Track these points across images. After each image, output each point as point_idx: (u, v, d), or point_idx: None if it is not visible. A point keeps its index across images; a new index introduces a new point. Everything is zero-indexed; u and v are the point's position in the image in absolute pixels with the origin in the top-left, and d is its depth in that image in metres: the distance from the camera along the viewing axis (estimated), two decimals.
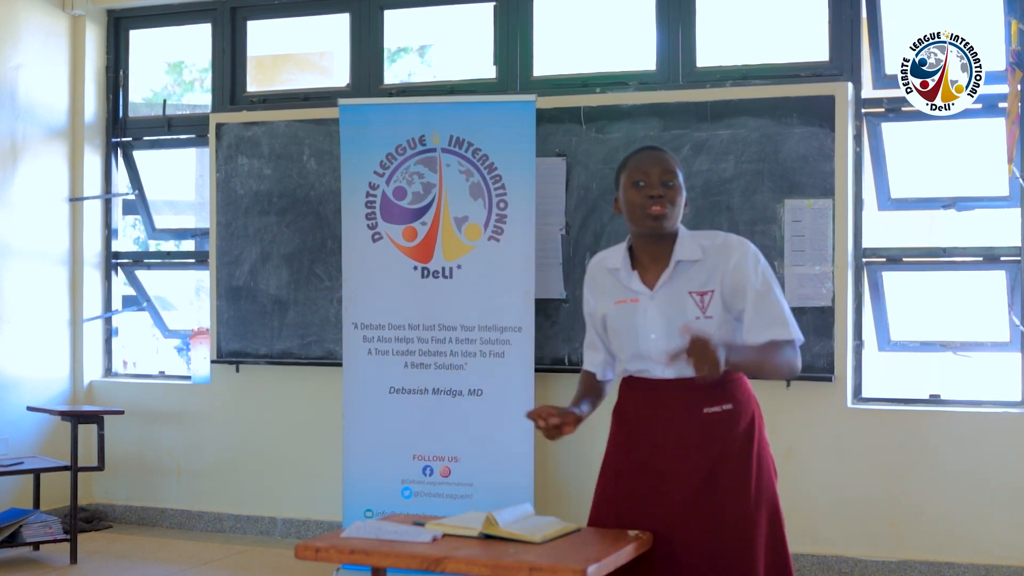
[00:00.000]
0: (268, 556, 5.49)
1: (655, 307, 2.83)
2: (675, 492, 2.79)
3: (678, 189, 2.85)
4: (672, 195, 2.83)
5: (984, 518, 4.81)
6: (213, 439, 6.04)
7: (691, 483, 2.78)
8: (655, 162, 2.86)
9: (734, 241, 2.88)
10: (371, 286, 5.06)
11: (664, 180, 2.83)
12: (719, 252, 2.85)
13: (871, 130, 5.11)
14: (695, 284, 2.82)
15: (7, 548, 5.31)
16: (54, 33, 6.18)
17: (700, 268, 2.83)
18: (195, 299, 7.49)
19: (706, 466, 2.79)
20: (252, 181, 5.82)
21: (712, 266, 2.83)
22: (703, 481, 2.78)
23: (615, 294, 2.91)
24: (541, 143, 5.10)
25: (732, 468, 2.79)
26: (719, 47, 5.42)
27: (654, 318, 2.83)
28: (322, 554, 2.74)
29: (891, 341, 5.19)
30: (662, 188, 2.82)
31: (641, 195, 2.83)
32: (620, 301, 2.89)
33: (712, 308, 2.80)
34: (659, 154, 2.89)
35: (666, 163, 2.86)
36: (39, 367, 6.07)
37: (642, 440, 2.86)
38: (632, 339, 2.86)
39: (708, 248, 2.86)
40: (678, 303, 2.81)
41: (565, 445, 5.35)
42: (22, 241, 5.96)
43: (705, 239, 2.89)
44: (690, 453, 2.78)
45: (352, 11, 5.94)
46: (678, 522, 2.78)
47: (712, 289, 2.81)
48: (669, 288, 2.83)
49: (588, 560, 2.56)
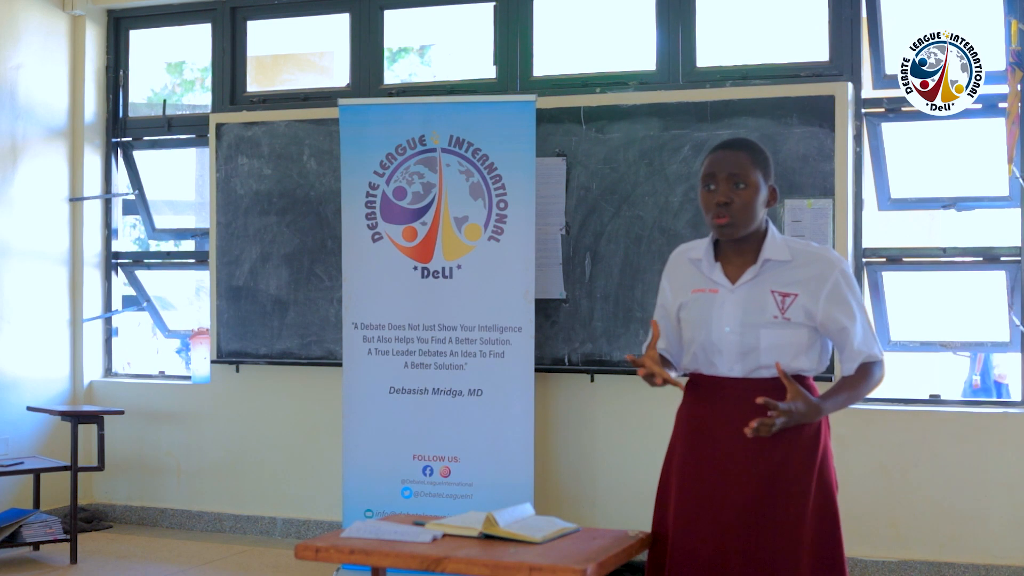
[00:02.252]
0: (268, 556, 5.49)
1: (734, 301, 2.79)
2: (734, 495, 2.75)
3: (753, 189, 2.76)
4: (743, 198, 2.76)
5: (984, 518, 4.81)
6: (213, 439, 6.04)
7: (750, 487, 2.74)
8: (724, 163, 2.78)
9: (828, 256, 2.82)
10: (371, 286, 5.06)
11: (734, 182, 2.76)
12: (812, 263, 2.80)
13: (871, 130, 5.11)
14: (779, 284, 2.79)
15: (7, 548, 5.31)
16: (54, 33, 6.18)
17: (787, 269, 2.79)
18: (195, 299, 7.49)
19: (767, 470, 2.74)
20: (252, 181, 5.82)
21: (802, 274, 2.78)
22: (762, 485, 2.73)
23: (695, 283, 2.87)
24: (541, 143, 5.10)
25: (793, 474, 2.75)
26: (719, 47, 5.42)
27: (731, 311, 2.79)
28: (322, 554, 2.74)
29: (891, 341, 5.19)
30: (730, 192, 2.75)
31: (710, 198, 2.79)
32: (699, 290, 2.85)
33: (792, 311, 2.76)
34: (730, 154, 2.79)
35: (736, 163, 2.77)
36: (39, 367, 6.07)
37: (705, 439, 2.81)
38: (705, 330, 2.81)
39: (798, 252, 2.82)
40: (759, 300, 2.78)
41: (565, 445, 5.36)
42: (22, 241, 5.96)
43: (795, 244, 2.85)
44: (752, 456, 2.73)
45: (352, 11, 5.94)
46: (733, 525, 2.74)
47: (796, 293, 2.77)
48: (753, 285, 2.80)
49: (588, 560, 2.57)
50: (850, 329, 2.78)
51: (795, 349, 2.77)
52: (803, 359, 2.79)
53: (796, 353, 2.78)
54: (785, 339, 2.75)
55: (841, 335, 2.80)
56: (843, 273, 2.80)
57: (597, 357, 5.21)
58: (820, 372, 2.87)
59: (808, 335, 2.79)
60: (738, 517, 2.74)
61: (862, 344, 2.79)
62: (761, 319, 2.76)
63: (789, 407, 2.65)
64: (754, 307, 2.77)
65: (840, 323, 2.78)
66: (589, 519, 5.20)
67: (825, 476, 2.81)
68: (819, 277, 2.78)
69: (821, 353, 2.84)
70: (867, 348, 2.80)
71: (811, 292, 2.77)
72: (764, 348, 2.75)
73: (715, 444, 2.79)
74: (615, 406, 5.28)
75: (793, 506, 2.74)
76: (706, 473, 2.79)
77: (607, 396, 5.28)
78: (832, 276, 2.78)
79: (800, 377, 2.80)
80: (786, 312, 2.76)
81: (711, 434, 2.80)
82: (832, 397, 2.77)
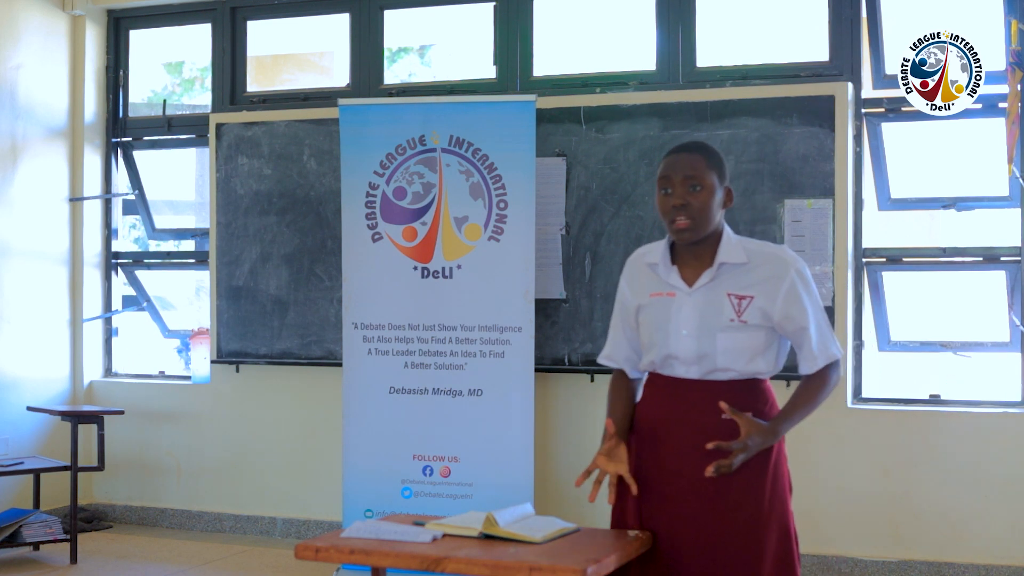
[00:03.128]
0: (268, 556, 5.49)
1: (691, 304, 2.79)
2: (689, 494, 2.77)
3: (708, 191, 2.76)
4: (700, 200, 2.75)
5: (984, 518, 4.81)
6: (213, 439, 6.04)
7: (705, 486, 2.75)
8: (680, 166, 2.78)
9: (783, 257, 2.81)
10: (371, 286, 5.06)
11: (690, 185, 2.76)
12: (767, 264, 2.79)
13: (871, 130, 5.11)
14: (736, 287, 2.78)
15: (7, 548, 5.31)
16: (54, 33, 6.18)
17: (743, 271, 2.79)
18: (195, 299, 7.49)
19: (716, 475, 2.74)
20: (252, 181, 5.82)
21: (758, 275, 2.78)
22: (716, 485, 2.74)
23: (652, 287, 2.87)
24: (541, 143, 5.10)
25: (746, 476, 2.75)
26: (719, 47, 5.42)
27: (688, 315, 2.79)
28: (322, 554, 2.74)
29: (891, 341, 5.19)
30: (687, 195, 2.75)
31: (666, 203, 2.79)
32: (656, 294, 2.85)
33: (748, 314, 2.76)
34: (686, 156, 2.80)
35: (692, 166, 2.77)
36: (39, 367, 6.07)
37: (661, 439, 2.83)
38: (663, 334, 2.81)
39: (754, 253, 2.81)
40: (716, 303, 2.77)
41: (565, 445, 5.36)
42: (22, 241, 5.96)
43: (751, 244, 2.84)
44: (707, 456, 2.73)
45: (352, 11, 5.94)
46: (690, 523, 2.77)
47: (752, 295, 2.76)
48: (709, 288, 2.79)
49: (588, 560, 2.56)
50: (807, 329, 2.78)
51: (751, 352, 2.78)
52: (760, 361, 2.80)
53: (752, 356, 2.78)
54: (741, 343, 2.76)
55: (798, 335, 2.80)
56: (799, 273, 2.79)
57: (597, 357, 5.20)
58: (777, 373, 2.86)
59: (765, 337, 2.79)
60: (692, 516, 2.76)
61: (820, 345, 2.80)
62: (718, 323, 2.76)
63: (744, 443, 2.67)
64: (711, 311, 2.77)
65: (797, 323, 2.78)
66: (589, 519, 5.19)
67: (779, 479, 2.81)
68: (775, 278, 2.78)
69: (778, 354, 2.84)
70: (825, 349, 2.81)
71: (767, 293, 2.77)
72: (720, 352, 2.76)
73: (671, 444, 2.81)
74: None
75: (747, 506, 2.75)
76: (663, 472, 2.82)
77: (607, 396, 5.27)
78: (788, 276, 2.77)
79: (756, 380, 2.81)
80: (743, 315, 2.76)
81: (668, 435, 2.82)
82: (788, 418, 2.78)
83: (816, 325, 2.80)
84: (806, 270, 2.83)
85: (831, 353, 2.82)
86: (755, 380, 2.80)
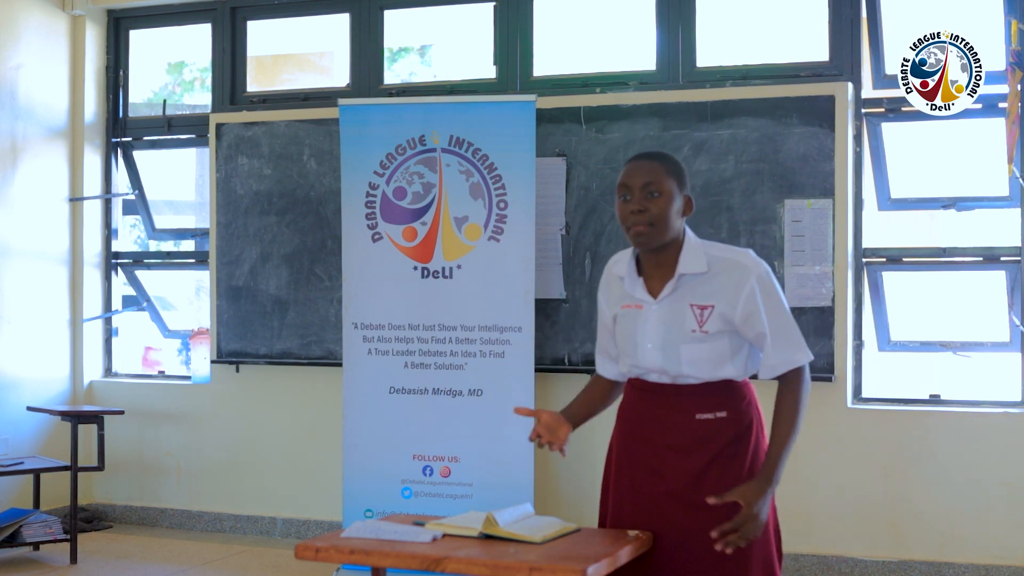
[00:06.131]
0: (268, 556, 5.49)
1: (656, 317, 2.80)
2: (670, 491, 2.81)
3: (667, 198, 2.75)
4: (658, 207, 2.74)
5: (984, 518, 4.81)
6: (213, 439, 6.03)
7: (682, 483, 2.79)
8: (638, 173, 2.77)
9: (744, 263, 2.79)
10: (371, 286, 5.06)
11: (648, 192, 2.75)
12: (728, 271, 2.77)
13: (871, 130, 5.11)
14: (697, 296, 2.78)
15: (7, 548, 5.31)
16: (54, 33, 6.18)
17: (704, 281, 2.78)
18: (195, 299, 7.49)
19: (696, 468, 2.78)
20: (252, 181, 5.82)
21: (718, 283, 2.77)
22: (693, 482, 2.78)
23: (622, 298, 2.89)
24: (541, 143, 5.10)
25: (721, 471, 2.77)
26: (719, 47, 5.42)
27: (654, 327, 2.80)
28: (322, 554, 2.74)
29: (891, 341, 5.19)
30: (645, 201, 2.74)
31: (625, 209, 2.78)
32: (626, 305, 2.88)
33: (710, 323, 2.76)
34: (644, 164, 2.79)
35: (650, 173, 2.76)
36: (39, 367, 6.07)
37: (639, 439, 2.89)
38: (632, 345, 2.85)
39: (715, 260, 2.79)
40: (679, 315, 2.78)
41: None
42: (22, 241, 5.96)
43: (714, 250, 2.82)
44: (682, 455, 2.79)
45: (352, 11, 5.94)
46: (672, 520, 2.80)
47: (713, 304, 2.76)
48: (672, 299, 2.80)
49: (588, 560, 2.56)
50: (766, 335, 2.76)
51: (717, 360, 2.78)
52: (728, 367, 2.79)
53: (719, 363, 2.78)
54: (705, 353, 2.76)
55: (759, 341, 2.79)
56: (759, 278, 2.77)
57: None
58: (750, 375, 2.85)
59: (729, 344, 2.78)
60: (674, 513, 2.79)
61: (778, 351, 2.77)
62: (680, 335, 2.77)
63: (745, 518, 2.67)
64: (674, 322, 2.78)
65: (756, 329, 2.77)
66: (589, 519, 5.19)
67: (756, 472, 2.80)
68: (735, 285, 2.76)
69: (748, 358, 2.83)
70: (786, 356, 2.78)
71: (727, 300, 2.76)
72: (685, 363, 2.78)
73: (646, 444, 2.86)
74: (615, 406, 5.25)
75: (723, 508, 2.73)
76: (638, 470, 2.87)
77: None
78: (748, 283, 2.76)
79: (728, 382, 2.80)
80: (704, 325, 2.76)
81: (642, 434, 2.88)
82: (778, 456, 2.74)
83: (775, 331, 2.76)
84: (769, 275, 2.80)
85: (793, 359, 2.78)
86: (729, 381, 2.81)
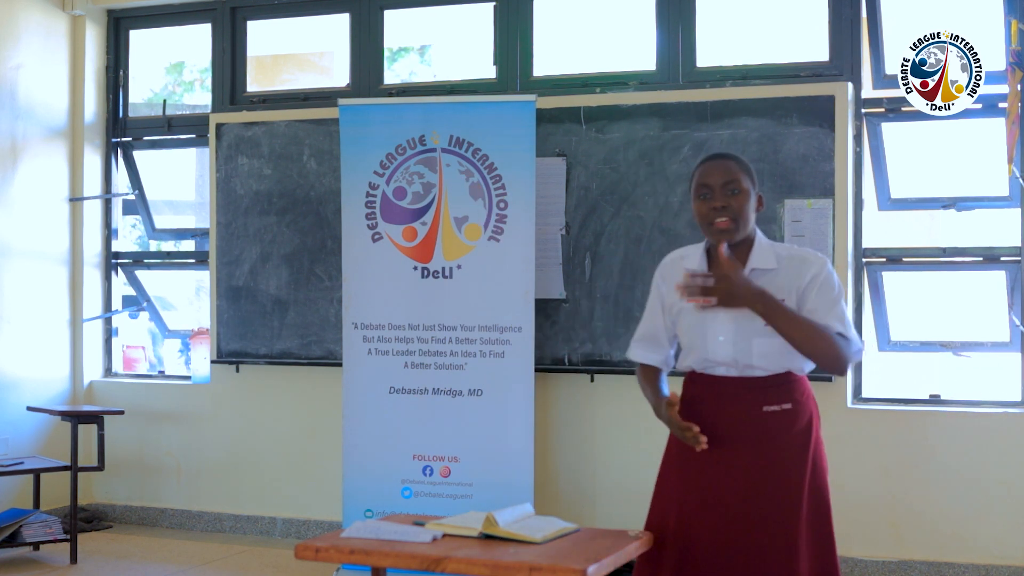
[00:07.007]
0: (268, 556, 5.49)
1: (726, 311, 2.86)
2: (734, 486, 2.86)
3: (745, 195, 2.90)
4: (738, 203, 2.88)
5: (984, 518, 4.81)
6: (213, 439, 6.03)
7: (748, 478, 2.85)
8: (717, 172, 2.90)
9: (809, 259, 2.92)
10: (371, 286, 5.06)
11: (730, 189, 2.88)
12: (796, 265, 2.90)
13: (871, 130, 5.11)
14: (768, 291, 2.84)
15: (7, 548, 5.31)
16: (54, 33, 6.18)
17: (774, 277, 2.89)
18: (195, 299, 7.49)
19: (762, 463, 2.86)
20: (252, 181, 5.82)
21: (786, 278, 2.88)
22: (759, 477, 2.85)
23: None
24: (541, 143, 5.10)
25: (787, 467, 2.86)
26: (719, 47, 5.42)
27: (724, 321, 2.88)
28: (322, 554, 2.74)
29: (891, 341, 5.19)
30: (726, 197, 2.88)
31: (706, 206, 2.90)
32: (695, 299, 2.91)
33: None
34: (722, 162, 2.93)
35: (729, 170, 2.90)
36: (39, 367, 6.07)
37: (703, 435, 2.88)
38: (701, 338, 2.92)
39: (783, 258, 2.91)
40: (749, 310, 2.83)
41: (565, 445, 5.36)
42: (22, 241, 5.96)
43: (782, 249, 2.96)
44: (748, 449, 2.86)
45: (352, 11, 5.94)
46: (732, 515, 2.85)
47: (783, 299, 2.84)
48: None
49: (588, 560, 2.57)
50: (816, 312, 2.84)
51: (786, 353, 2.87)
52: (796, 359, 2.89)
53: (787, 356, 2.88)
54: (775, 346, 2.86)
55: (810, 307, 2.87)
56: (821, 268, 2.89)
57: (597, 357, 5.21)
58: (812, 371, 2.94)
59: None
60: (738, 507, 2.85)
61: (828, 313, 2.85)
62: (753, 328, 2.86)
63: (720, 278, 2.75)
64: (745, 316, 2.85)
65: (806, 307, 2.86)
66: (589, 519, 5.20)
67: (818, 467, 2.92)
68: (799, 275, 2.88)
69: None
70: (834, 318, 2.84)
71: (793, 292, 2.87)
72: (756, 355, 2.88)
73: (714, 440, 2.87)
74: (615, 406, 5.28)
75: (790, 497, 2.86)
76: (707, 467, 2.90)
77: (607, 396, 5.28)
78: (810, 272, 2.88)
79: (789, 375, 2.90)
80: None
81: (710, 431, 2.88)
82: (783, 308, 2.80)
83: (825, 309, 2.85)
84: (831, 270, 2.91)
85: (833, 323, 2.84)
86: (790, 373, 2.90)
